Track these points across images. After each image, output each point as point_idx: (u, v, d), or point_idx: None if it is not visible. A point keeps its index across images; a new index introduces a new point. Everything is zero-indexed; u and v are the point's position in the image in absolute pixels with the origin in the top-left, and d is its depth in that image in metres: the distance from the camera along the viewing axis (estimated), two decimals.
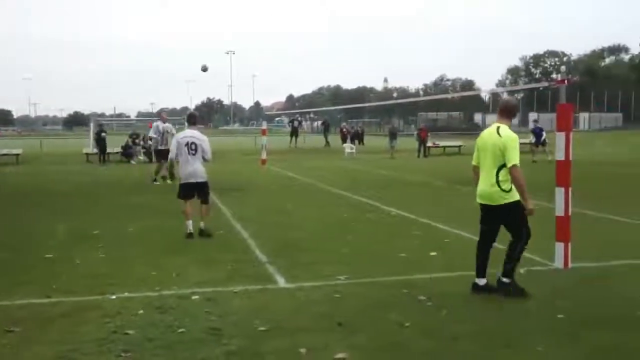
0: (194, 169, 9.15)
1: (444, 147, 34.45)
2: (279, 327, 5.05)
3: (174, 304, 5.73)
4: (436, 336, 4.79)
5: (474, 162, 6.05)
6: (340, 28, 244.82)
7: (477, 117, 75.58)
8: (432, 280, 6.50)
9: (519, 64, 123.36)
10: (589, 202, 11.77)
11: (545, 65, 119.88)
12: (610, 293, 5.94)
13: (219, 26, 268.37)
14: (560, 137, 6.82)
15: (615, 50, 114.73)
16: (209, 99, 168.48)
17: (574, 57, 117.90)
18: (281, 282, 6.57)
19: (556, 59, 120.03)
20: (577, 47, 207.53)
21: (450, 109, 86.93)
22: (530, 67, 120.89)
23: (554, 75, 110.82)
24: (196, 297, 5.96)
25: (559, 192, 6.90)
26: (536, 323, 5.05)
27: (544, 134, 26.22)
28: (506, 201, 5.70)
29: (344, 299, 5.86)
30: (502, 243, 6.02)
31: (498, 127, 5.79)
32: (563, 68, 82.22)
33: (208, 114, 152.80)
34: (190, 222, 9.04)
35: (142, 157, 28.76)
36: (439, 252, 7.86)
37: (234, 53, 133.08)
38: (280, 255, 7.79)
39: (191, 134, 9.28)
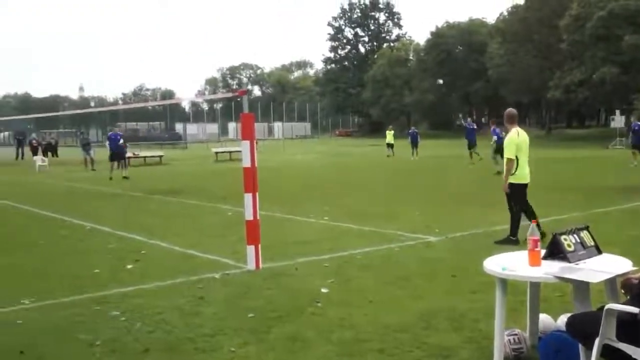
0: None
1: (145, 157, 33.97)
2: None
3: None
4: (127, 351, 4.67)
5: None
6: (24, 32, 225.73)
7: (179, 127, 75.96)
8: (127, 294, 6.33)
9: (217, 75, 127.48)
10: (280, 205, 12.64)
11: (241, 76, 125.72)
12: (295, 289, 6.41)
13: None
14: (245, 145, 7.18)
15: (302, 65, 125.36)
16: None
17: (267, 70, 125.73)
18: None
19: (251, 71, 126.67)
20: (269, 60, 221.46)
21: (151, 118, 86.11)
22: (228, 78, 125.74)
23: (249, 87, 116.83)
24: None
25: (247, 197, 7.25)
26: (228, 325, 5.22)
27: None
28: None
29: (28, 324, 5.40)
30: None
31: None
32: (245, 80, 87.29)
33: None
34: None
35: None
36: (135, 265, 7.70)
37: None
38: None
39: None
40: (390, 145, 34.80)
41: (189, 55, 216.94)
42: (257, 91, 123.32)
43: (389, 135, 35.56)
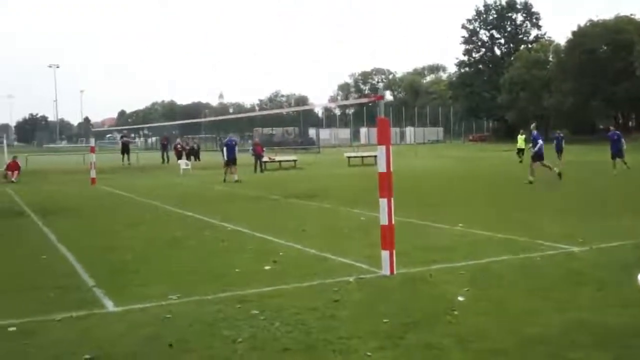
0: None
1: (280, 161, 34.99)
2: (106, 355, 4.83)
3: None
4: (267, 349, 4.83)
5: None
6: (170, 44, 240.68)
7: (312, 132, 77.64)
8: (266, 293, 6.55)
9: (349, 80, 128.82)
10: (413, 210, 12.53)
11: (373, 82, 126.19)
12: (430, 295, 6.34)
13: (39, 39, 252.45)
14: (381, 150, 7.21)
15: (435, 69, 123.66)
16: (32, 115, 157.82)
17: (399, 74, 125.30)
18: (109, 306, 6.28)
19: (383, 76, 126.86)
20: (401, 65, 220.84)
21: (286, 124, 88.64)
22: (360, 83, 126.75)
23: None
24: (13, 329, 5.53)
25: (383, 202, 7.27)
26: (363, 329, 5.26)
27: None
28: None
29: (175, 318, 5.73)
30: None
31: None
32: (380, 85, 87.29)
33: (31, 131, 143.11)
34: None
35: None
36: (273, 266, 7.94)
37: (57, 67, 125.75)
38: (109, 278, 7.47)
39: None
40: (521, 151, 33.44)
41: (322, 61, 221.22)
42: (388, 96, 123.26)
43: (520, 140, 34.21)
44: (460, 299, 6.09)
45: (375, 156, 7.37)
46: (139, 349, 4.95)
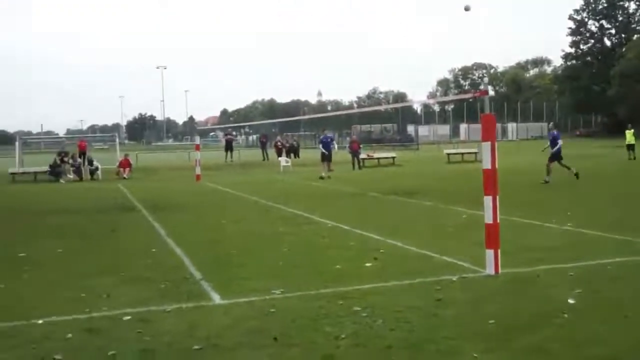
0: None
1: (378, 158, 34.86)
2: (214, 345, 4.98)
3: (104, 326, 5.57)
4: (370, 347, 4.81)
5: None
6: (270, 43, 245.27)
7: (410, 129, 76.81)
8: (367, 290, 6.54)
9: (449, 76, 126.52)
10: (517, 208, 12.14)
11: (474, 77, 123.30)
12: (537, 297, 6.11)
13: (148, 42, 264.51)
14: (486, 146, 7.02)
15: (539, 62, 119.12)
16: (141, 114, 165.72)
17: (500, 69, 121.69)
18: (216, 298, 6.48)
19: (484, 71, 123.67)
20: (503, 59, 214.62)
21: (384, 120, 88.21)
22: (460, 79, 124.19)
23: (481, 87, 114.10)
24: (128, 317, 5.81)
25: (487, 200, 7.08)
26: (469, 329, 5.14)
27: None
28: None
29: (280, 312, 5.83)
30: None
31: None
32: (485, 80, 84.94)
33: (140, 130, 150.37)
34: None
35: (71, 176, 28.01)
36: (374, 263, 7.92)
37: (165, 68, 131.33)
38: (215, 272, 7.70)
39: None
40: (630, 147, 31.46)
41: (420, 57, 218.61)
42: (490, 91, 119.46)
43: (629, 135, 32.16)
44: (571, 301, 5.83)
45: (476, 153, 7.14)
46: (245, 341, 5.07)
